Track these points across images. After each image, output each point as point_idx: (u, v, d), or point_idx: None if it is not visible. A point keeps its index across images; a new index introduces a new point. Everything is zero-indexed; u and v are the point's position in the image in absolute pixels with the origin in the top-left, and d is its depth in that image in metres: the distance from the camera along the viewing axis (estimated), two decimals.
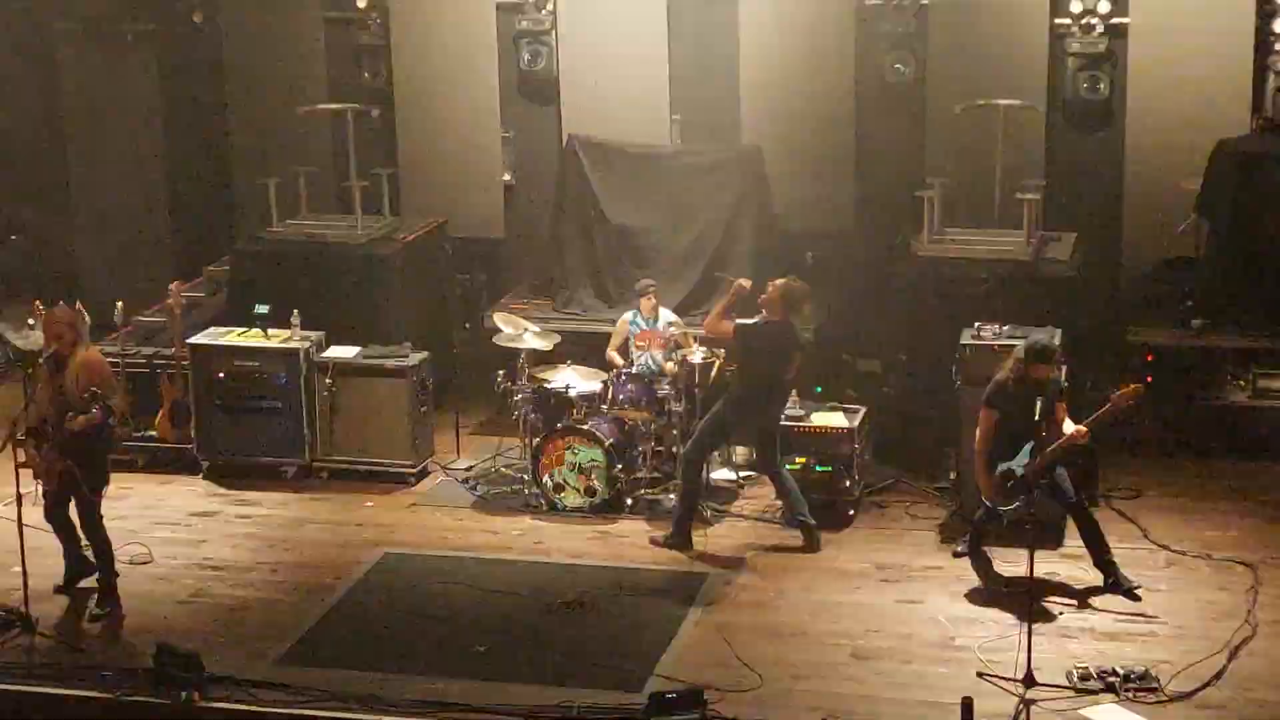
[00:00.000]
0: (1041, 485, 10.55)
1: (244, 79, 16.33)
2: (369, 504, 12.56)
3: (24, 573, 10.60)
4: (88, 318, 13.30)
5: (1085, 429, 10.48)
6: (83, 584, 10.97)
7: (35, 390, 10.84)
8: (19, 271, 16.18)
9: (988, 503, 10.76)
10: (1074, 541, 11.13)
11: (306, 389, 12.92)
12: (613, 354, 13.07)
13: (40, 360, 10.75)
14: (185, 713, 9.53)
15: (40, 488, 10.72)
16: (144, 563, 11.45)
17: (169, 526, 12.27)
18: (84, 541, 10.82)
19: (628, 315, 13.15)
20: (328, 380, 12.89)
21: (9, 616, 10.41)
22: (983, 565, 10.99)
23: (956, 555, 11.34)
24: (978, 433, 10.78)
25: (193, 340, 13.21)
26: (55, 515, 10.80)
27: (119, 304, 13.58)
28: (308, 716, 9.50)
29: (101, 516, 10.76)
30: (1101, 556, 10.78)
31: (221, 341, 13.15)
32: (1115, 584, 10.71)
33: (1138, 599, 10.60)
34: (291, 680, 9.81)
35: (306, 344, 12.99)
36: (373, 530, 12.13)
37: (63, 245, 15.87)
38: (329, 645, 10.36)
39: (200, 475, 13.14)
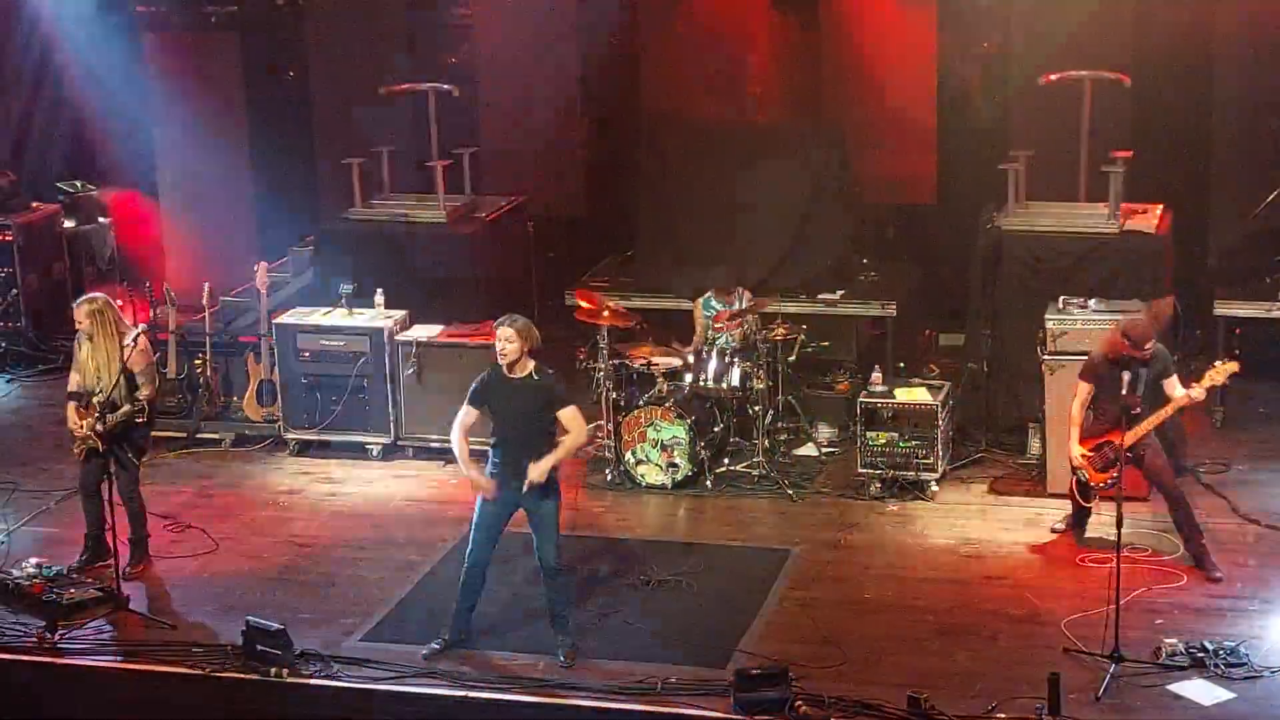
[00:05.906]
0: (1130, 459, 10.47)
1: (326, 58, 16.42)
2: (451, 481, 12.60)
3: (115, 551, 10.78)
4: (175, 298, 13.50)
5: (1179, 402, 10.51)
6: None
7: (78, 361, 11.03)
8: (106, 254, 16.33)
9: (1076, 474, 10.71)
10: (1164, 516, 11.04)
11: (391, 367, 13.02)
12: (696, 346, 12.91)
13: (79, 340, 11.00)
14: (274, 688, 9.65)
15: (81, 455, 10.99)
16: (208, 551, 11.53)
17: (257, 505, 12.41)
18: (107, 524, 10.89)
19: (700, 300, 13.06)
20: (412, 358, 12.98)
21: (101, 594, 10.55)
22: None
23: (1055, 530, 11.31)
24: (1071, 405, 10.74)
25: (278, 320, 13.35)
26: (90, 487, 11.03)
27: (205, 285, 13.72)
28: (394, 692, 9.60)
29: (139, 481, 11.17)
30: (1189, 542, 10.70)
31: (307, 321, 13.28)
32: (1200, 568, 10.62)
33: (1218, 582, 10.51)
34: (378, 656, 9.92)
35: (390, 322, 13.09)
36: (457, 507, 12.15)
37: (149, 227, 16.00)
38: (415, 621, 10.43)
39: (287, 453, 13.27)
